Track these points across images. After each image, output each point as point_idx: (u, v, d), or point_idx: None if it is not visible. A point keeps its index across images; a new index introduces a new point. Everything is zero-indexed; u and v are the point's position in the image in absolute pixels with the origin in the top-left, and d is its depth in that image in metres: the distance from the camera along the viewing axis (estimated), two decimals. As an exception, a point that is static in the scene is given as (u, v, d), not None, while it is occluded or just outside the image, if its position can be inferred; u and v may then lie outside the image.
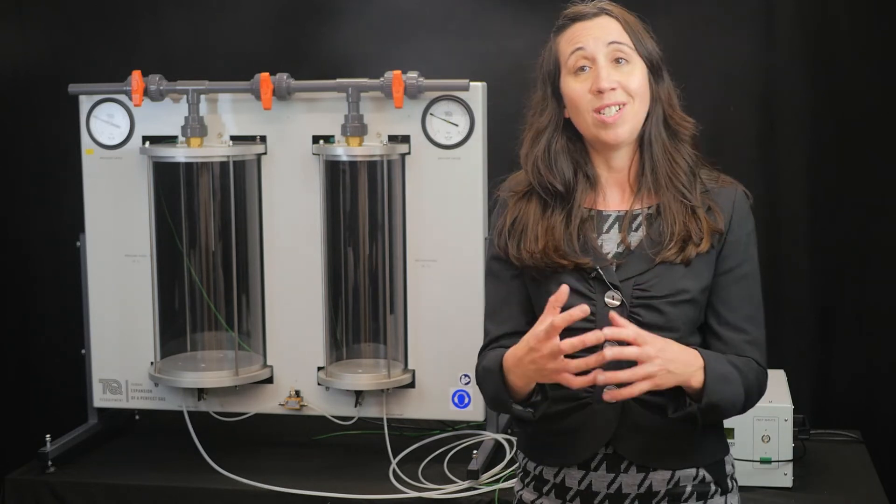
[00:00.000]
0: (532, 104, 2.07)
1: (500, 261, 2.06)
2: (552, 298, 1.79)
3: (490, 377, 1.97)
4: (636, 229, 1.99)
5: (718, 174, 2.05)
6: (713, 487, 2.02)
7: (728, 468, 2.06)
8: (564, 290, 1.80)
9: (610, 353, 1.78)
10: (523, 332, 1.88)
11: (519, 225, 2.03)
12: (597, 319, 1.92)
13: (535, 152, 2.03)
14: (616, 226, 2.01)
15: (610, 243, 2.00)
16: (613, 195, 2.04)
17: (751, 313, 2.00)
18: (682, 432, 1.96)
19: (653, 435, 1.96)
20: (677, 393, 1.90)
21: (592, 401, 1.95)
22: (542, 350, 1.80)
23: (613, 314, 1.81)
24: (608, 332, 1.78)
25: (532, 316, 2.01)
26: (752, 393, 1.98)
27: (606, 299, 1.94)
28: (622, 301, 1.94)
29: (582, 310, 1.77)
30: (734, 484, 2.08)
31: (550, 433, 2.00)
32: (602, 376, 1.80)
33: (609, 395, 1.81)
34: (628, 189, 2.03)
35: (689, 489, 1.99)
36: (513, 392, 1.94)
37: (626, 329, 1.80)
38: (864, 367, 3.48)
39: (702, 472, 2.00)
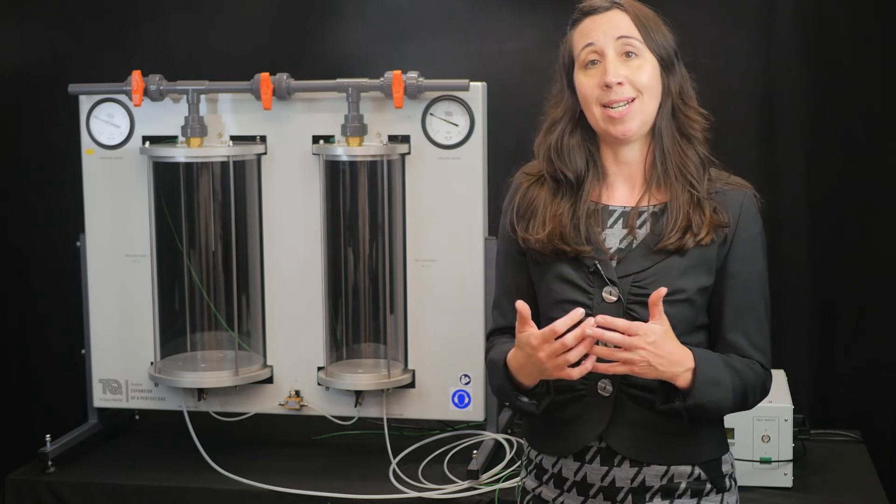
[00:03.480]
0: (551, 95, 2.10)
1: (507, 246, 2.11)
2: (566, 318, 1.83)
3: (496, 371, 2.02)
4: (641, 226, 2.01)
5: (729, 175, 2.06)
6: (709, 486, 2.02)
7: (726, 468, 2.06)
8: (578, 312, 1.84)
9: (590, 330, 1.82)
10: None
11: (529, 209, 2.06)
12: (593, 314, 1.93)
13: (548, 142, 2.06)
14: (620, 221, 2.02)
15: (613, 238, 2.01)
16: (621, 190, 2.05)
17: (755, 317, 2.01)
18: (677, 429, 1.98)
19: (645, 430, 1.99)
20: (668, 387, 1.92)
21: (587, 393, 2.00)
22: (541, 351, 1.85)
23: (603, 317, 1.84)
24: (599, 318, 1.83)
25: (534, 307, 2.04)
26: (748, 395, 1.99)
27: (604, 294, 1.97)
28: (619, 297, 1.96)
29: (578, 313, 1.83)
30: (733, 484, 2.08)
31: (548, 423, 2.05)
32: (589, 362, 1.85)
33: (580, 369, 1.85)
34: (638, 184, 2.04)
35: (683, 485, 2.00)
36: (518, 385, 1.98)
37: (618, 321, 1.84)
38: (864, 367, 3.48)
39: (697, 469, 2.01)
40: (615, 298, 1.96)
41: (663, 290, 1.86)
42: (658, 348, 1.85)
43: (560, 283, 2.00)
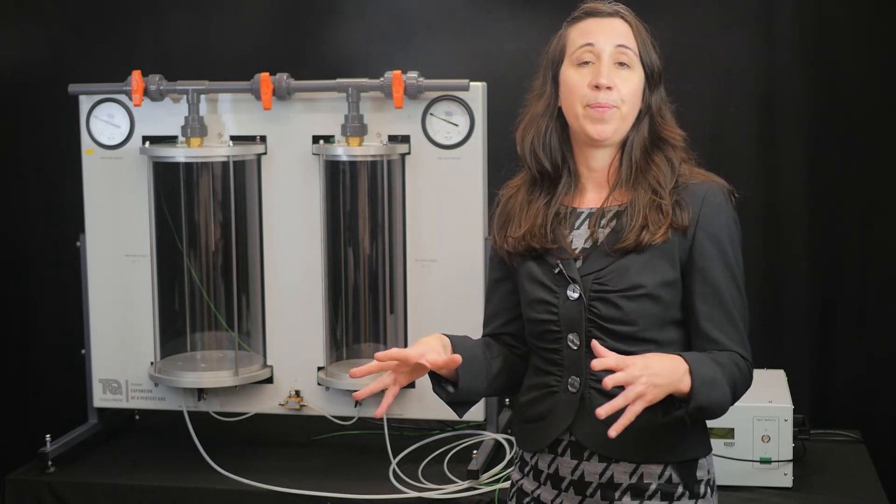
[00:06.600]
0: (533, 87, 2.12)
1: (493, 260, 2.18)
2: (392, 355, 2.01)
3: None
4: (604, 226, 2.03)
5: (701, 171, 2.06)
6: (681, 489, 2.00)
7: (702, 473, 2.03)
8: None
9: (612, 382, 1.81)
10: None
11: (509, 215, 2.12)
12: (559, 312, 2.01)
13: (531, 134, 2.09)
14: (587, 222, 2.05)
15: (579, 239, 2.04)
16: (590, 193, 2.08)
17: (728, 310, 1.99)
18: (646, 426, 1.95)
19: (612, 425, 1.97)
20: (665, 398, 1.90)
21: (559, 390, 2.03)
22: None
23: (595, 343, 1.84)
24: (595, 363, 1.82)
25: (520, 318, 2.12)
26: (739, 389, 1.99)
27: (568, 292, 2.01)
28: (580, 294, 1.99)
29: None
30: (709, 491, 2.04)
31: (525, 419, 2.10)
32: (602, 409, 1.82)
33: (613, 431, 1.82)
34: (604, 188, 2.07)
35: (653, 486, 1.99)
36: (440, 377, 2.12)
37: (608, 358, 1.83)
38: (864, 367, 3.48)
39: (669, 470, 2.00)
40: (577, 296, 1.99)
41: (596, 344, 1.85)
42: (651, 367, 1.84)
43: (531, 284, 2.05)
